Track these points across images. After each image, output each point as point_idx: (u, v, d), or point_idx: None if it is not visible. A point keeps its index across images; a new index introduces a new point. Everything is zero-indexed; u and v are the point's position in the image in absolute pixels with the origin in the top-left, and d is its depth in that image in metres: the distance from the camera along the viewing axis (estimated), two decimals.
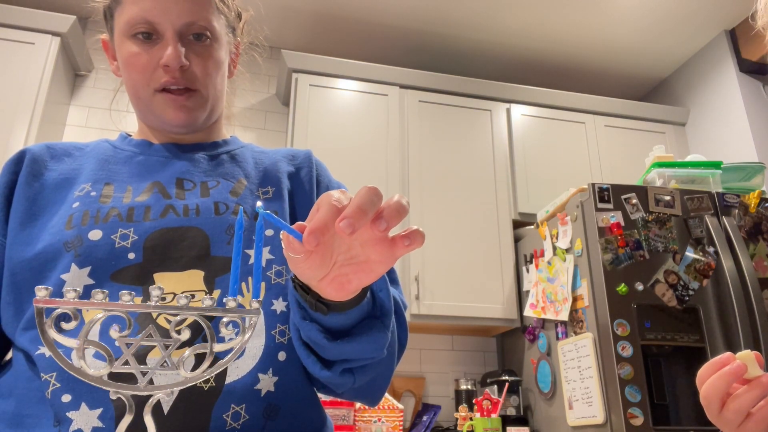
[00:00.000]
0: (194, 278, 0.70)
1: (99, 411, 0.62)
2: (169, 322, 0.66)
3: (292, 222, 0.81)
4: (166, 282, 0.69)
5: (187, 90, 0.81)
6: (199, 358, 0.64)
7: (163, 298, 0.66)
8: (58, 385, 0.64)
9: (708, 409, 0.68)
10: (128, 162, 0.82)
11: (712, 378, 0.67)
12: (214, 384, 0.65)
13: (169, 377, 0.63)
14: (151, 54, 0.79)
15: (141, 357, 0.64)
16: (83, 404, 0.63)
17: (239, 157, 0.87)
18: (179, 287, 0.69)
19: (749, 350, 0.67)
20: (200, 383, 0.65)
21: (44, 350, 0.66)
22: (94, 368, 0.41)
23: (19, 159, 0.81)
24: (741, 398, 0.65)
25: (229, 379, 0.66)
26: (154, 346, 0.64)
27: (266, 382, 0.68)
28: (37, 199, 0.77)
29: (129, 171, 0.81)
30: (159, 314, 0.66)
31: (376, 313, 0.65)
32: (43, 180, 0.79)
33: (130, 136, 0.90)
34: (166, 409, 0.62)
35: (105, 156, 0.83)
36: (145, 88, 0.80)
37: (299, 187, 0.86)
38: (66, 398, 0.63)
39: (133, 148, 0.85)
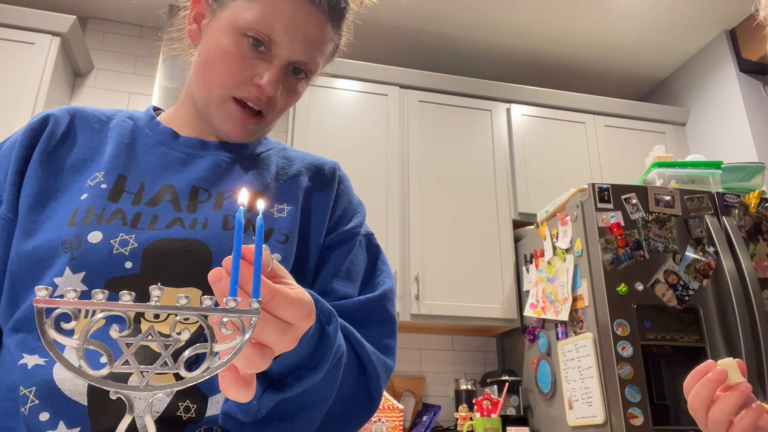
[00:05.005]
0: (191, 296, 0.69)
1: (77, 431, 0.61)
2: (168, 336, 0.65)
3: (296, 262, 0.76)
4: (161, 297, 0.68)
5: (259, 113, 0.78)
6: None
7: (157, 315, 0.65)
8: (36, 401, 0.62)
9: (697, 419, 0.68)
10: (148, 151, 0.78)
11: (695, 387, 0.67)
12: (194, 415, 0.63)
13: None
14: (249, 63, 0.74)
15: (123, 378, 0.60)
16: (61, 423, 0.61)
17: (263, 162, 0.83)
18: (174, 303, 0.68)
19: (731, 358, 0.68)
20: (180, 413, 0.63)
21: (27, 360, 0.64)
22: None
23: (39, 129, 0.77)
24: (719, 407, 0.65)
25: (209, 413, 0.64)
26: (134, 372, 0.63)
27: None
28: (49, 183, 0.73)
29: (146, 163, 0.77)
30: (167, 316, 0.65)
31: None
32: (58, 161, 0.75)
33: (159, 112, 0.85)
34: None
35: (126, 140, 0.79)
36: (224, 89, 0.76)
37: (316, 206, 0.81)
38: (44, 416, 0.61)
39: (157, 136, 0.80)
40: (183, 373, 0.42)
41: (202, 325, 0.43)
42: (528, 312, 2.53)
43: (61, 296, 0.43)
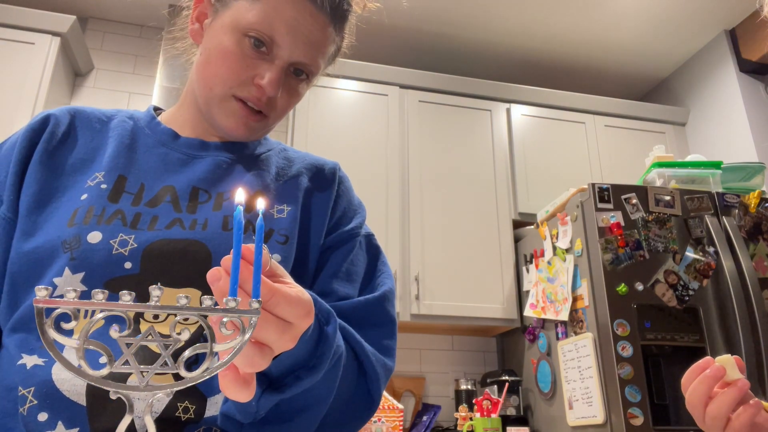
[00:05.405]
0: (190, 297, 0.69)
1: (75, 431, 0.61)
2: (168, 336, 0.65)
3: (296, 263, 0.76)
4: (161, 297, 0.68)
5: (259, 112, 0.78)
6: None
7: (157, 316, 0.65)
8: (35, 402, 0.61)
9: (694, 416, 0.68)
10: (148, 152, 0.78)
11: (693, 384, 0.67)
12: (193, 416, 0.63)
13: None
14: (250, 63, 0.75)
15: (123, 378, 0.60)
16: (60, 423, 0.61)
17: (264, 163, 0.82)
18: (174, 304, 0.67)
19: (729, 354, 0.67)
20: (179, 413, 0.63)
21: (26, 360, 0.64)
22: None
23: (39, 129, 0.76)
24: (716, 403, 0.64)
25: (208, 413, 0.64)
26: (134, 372, 0.63)
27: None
28: (49, 183, 0.73)
29: (146, 163, 0.77)
30: (167, 316, 0.65)
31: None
32: (58, 161, 0.75)
33: (159, 112, 0.85)
34: None
35: (126, 141, 0.78)
36: (224, 87, 0.76)
37: (316, 207, 0.81)
38: (42, 417, 0.61)
39: (157, 136, 0.80)
40: (183, 373, 0.42)
41: (201, 325, 0.43)
42: (528, 312, 2.53)
43: (61, 296, 0.43)
